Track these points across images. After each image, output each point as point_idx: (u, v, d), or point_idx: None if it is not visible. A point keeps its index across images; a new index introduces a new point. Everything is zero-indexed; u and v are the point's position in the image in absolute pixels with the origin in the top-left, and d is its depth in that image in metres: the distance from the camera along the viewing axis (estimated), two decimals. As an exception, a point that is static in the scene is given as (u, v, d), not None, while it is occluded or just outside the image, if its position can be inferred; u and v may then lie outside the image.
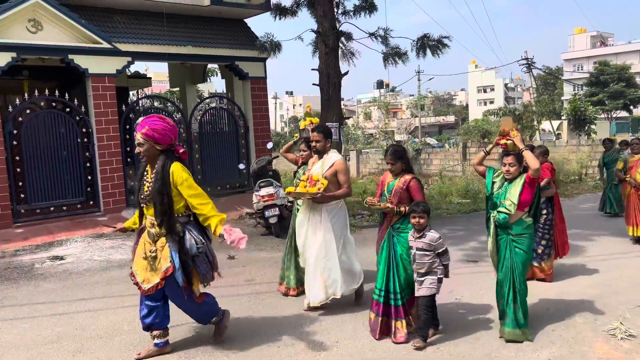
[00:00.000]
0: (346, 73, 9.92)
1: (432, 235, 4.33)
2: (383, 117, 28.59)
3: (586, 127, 28.80)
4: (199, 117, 12.71)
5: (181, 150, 4.26)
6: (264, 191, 9.15)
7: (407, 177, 4.61)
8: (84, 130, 10.90)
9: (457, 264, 7.01)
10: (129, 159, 11.71)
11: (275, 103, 61.81)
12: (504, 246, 4.46)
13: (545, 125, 33.82)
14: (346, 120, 17.06)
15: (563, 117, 35.39)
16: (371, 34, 10.53)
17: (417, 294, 4.34)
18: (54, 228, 9.82)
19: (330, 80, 9.70)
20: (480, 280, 6.09)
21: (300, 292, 5.63)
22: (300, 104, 76.04)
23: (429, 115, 65.24)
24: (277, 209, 9.06)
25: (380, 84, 61.75)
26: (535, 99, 33.43)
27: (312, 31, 10.08)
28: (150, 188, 4.07)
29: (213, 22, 13.02)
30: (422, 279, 4.31)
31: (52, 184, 10.53)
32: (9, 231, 9.59)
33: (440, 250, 4.32)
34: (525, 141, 19.37)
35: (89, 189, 11.07)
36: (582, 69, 62.17)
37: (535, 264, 5.95)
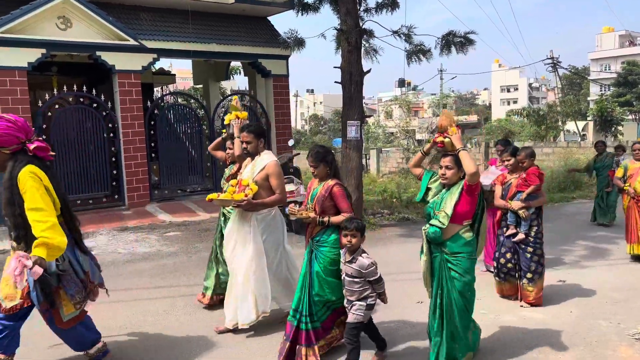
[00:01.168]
0: (368, 71, 9.90)
1: (362, 261, 3.76)
2: (404, 115, 28.43)
3: (613, 129, 28.22)
4: (222, 114, 12.84)
5: (33, 147, 3.59)
6: (286, 187, 9.20)
7: (331, 182, 4.11)
8: (110, 125, 11.12)
9: (478, 264, 6.95)
10: (153, 155, 11.92)
11: (296, 101, 61.94)
12: (438, 267, 3.82)
13: (570, 126, 33.22)
14: (367, 119, 17.02)
15: (589, 118, 34.73)
16: (394, 32, 10.47)
17: (348, 319, 3.86)
18: (81, 220, 10.02)
19: (352, 78, 9.69)
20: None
21: (216, 302, 5.28)
22: (321, 102, 76.07)
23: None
24: (297, 205, 9.10)
25: (402, 83, 61.34)
26: (560, 99, 32.86)
27: (335, 29, 10.07)
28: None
29: (237, 19, 13.14)
30: (351, 304, 3.84)
31: (79, 178, 10.77)
32: (36, 223, 9.81)
33: (372, 279, 3.79)
34: (549, 142, 18.91)
35: (114, 183, 11.30)
36: (609, 69, 60.83)
37: (524, 282, 5.23)
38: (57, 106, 10.71)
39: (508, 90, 76.42)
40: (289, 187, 9.20)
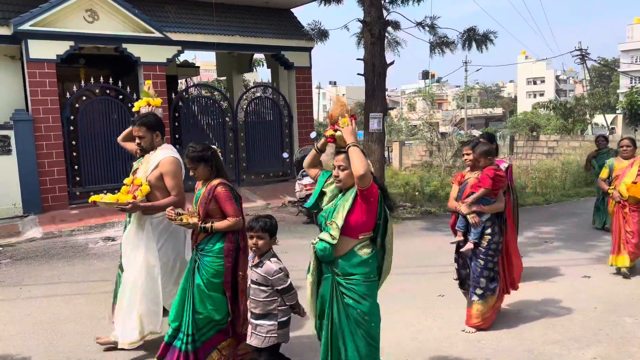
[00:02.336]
0: (392, 63, 9.84)
1: (270, 266, 3.24)
2: (428, 108, 28.16)
3: (643, 122, 27.45)
4: (245, 106, 12.92)
5: None
6: (307, 180, 9.24)
7: (214, 182, 3.64)
8: (134, 117, 11.26)
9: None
10: (177, 146, 12.05)
11: (319, 93, 61.85)
12: (329, 292, 3.10)
13: (599, 119, 32.45)
14: (390, 111, 16.90)
15: (618, 111, 33.86)
16: (418, 23, 10.38)
17: (248, 340, 3.33)
18: (106, 210, 10.25)
19: (375, 70, 9.65)
20: (525, 276, 5.98)
21: None
22: (343, 94, 75.78)
23: (476, 107, 63.77)
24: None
25: (425, 75, 60.79)
26: (588, 92, 32.11)
27: (359, 20, 10.03)
28: None
29: (260, 12, 13.17)
30: (257, 322, 3.25)
31: (105, 168, 10.99)
32: (65, 212, 10.09)
33: (280, 287, 3.23)
34: (576, 135, 18.47)
35: (139, 174, 11.47)
36: (640, 61, 59.14)
37: (474, 298, 4.49)
38: (84, 98, 10.92)
39: (534, 83, 74.95)
40: (308, 181, 9.23)
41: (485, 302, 4.46)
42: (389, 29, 10.21)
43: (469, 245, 4.47)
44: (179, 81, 15.92)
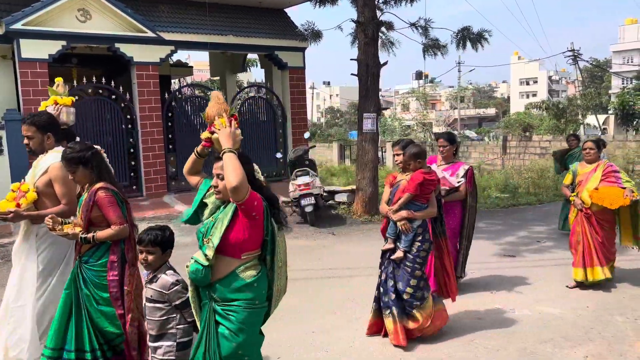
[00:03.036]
0: (385, 63, 9.86)
1: (165, 279, 2.95)
2: (421, 108, 28.26)
3: (634, 123, 27.67)
4: (238, 106, 12.90)
5: None
6: (301, 180, 9.24)
7: (96, 187, 3.27)
8: (128, 117, 11.25)
9: (493, 258, 6.96)
10: (170, 146, 12.04)
11: (313, 93, 61.86)
12: (205, 321, 2.74)
13: (591, 119, 32.66)
14: (383, 112, 16.98)
15: (610, 112, 34.11)
16: (412, 24, 10.41)
17: None
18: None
19: (369, 70, 9.67)
20: (517, 276, 6.02)
21: None
22: (337, 94, 75.86)
23: (469, 107, 64.00)
24: (312, 198, 9.15)
25: (419, 75, 60.95)
26: (580, 92, 32.32)
27: (352, 21, 10.04)
28: None
29: (254, 12, 13.16)
30: (155, 344, 2.95)
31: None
32: (57, 212, 10.01)
33: (178, 302, 2.94)
34: (567, 134, 18.64)
35: (132, 174, 11.45)
36: (632, 62, 59.59)
37: (410, 310, 4.15)
38: (76, 97, 10.80)
39: (527, 83, 75.34)
40: (304, 180, 9.23)
41: (423, 310, 4.14)
42: (383, 29, 10.24)
43: (399, 254, 4.17)
44: (172, 81, 15.89)
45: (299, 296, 5.41)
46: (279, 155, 11.77)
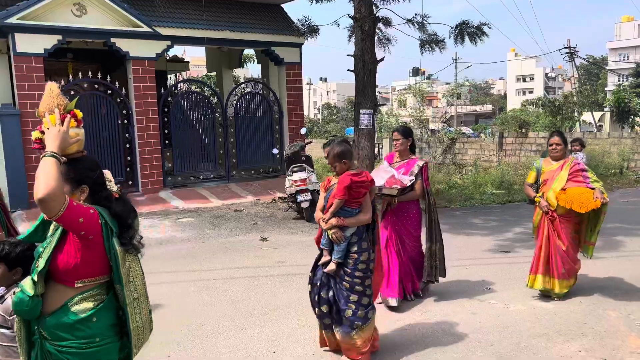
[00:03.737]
0: (382, 59, 9.87)
1: (9, 303, 2.46)
2: (418, 105, 28.25)
3: (630, 120, 27.78)
4: (235, 102, 12.89)
5: None
6: (297, 176, 9.25)
7: None
8: (124, 112, 11.22)
9: (487, 253, 6.99)
10: (166, 141, 12.03)
11: (309, 89, 61.83)
12: None
13: (587, 116, 32.76)
14: (380, 108, 16.97)
15: (606, 109, 34.23)
16: (408, 20, 10.42)
17: None
18: (95, 206, 10.19)
19: (365, 66, 9.67)
20: (511, 271, 6.05)
21: None
22: (334, 91, 75.80)
23: (466, 104, 64.06)
24: (309, 193, 9.17)
25: (416, 72, 60.88)
26: (576, 89, 32.40)
27: (349, 16, 10.03)
28: None
29: (250, 7, 13.13)
30: None
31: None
32: (52, 208, 10.00)
33: None
34: (565, 132, 18.72)
35: (128, 170, 11.43)
36: (628, 59, 59.73)
37: (350, 331, 3.71)
38: (72, 92, 10.82)
39: (524, 80, 75.48)
40: (301, 176, 9.24)
41: (361, 332, 3.71)
42: (380, 25, 10.24)
43: (331, 266, 3.73)
44: (169, 76, 15.84)
45: (295, 291, 5.43)
46: (275, 151, 11.78)
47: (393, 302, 4.84)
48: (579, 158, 7.57)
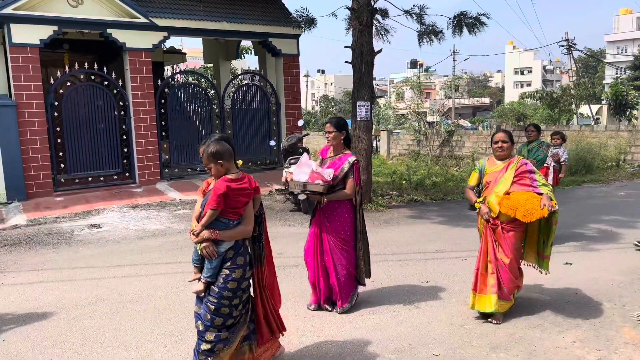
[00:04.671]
0: (379, 51, 9.83)
1: None
2: (416, 97, 28.22)
3: (627, 113, 27.84)
4: (232, 94, 12.85)
5: None
6: (292, 168, 9.22)
7: None
8: (120, 103, 11.18)
9: (485, 245, 7.01)
10: (163, 133, 11.99)
11: (307, 81, 61.67)
12: None
13: (584, 109, 32.81)
14: (377, 100, 16.93)
15: (603, 102, 34.27)
16: (406, 12, 10.37)
17: None
18: (92, 197, 10.19)
19: (363, 58, 9.63)
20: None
21: None
22: (332, 83, 75.61)
23: (463, 96, 64.02)
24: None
25: (414, 64, 60.77)
26: (574, 82, 32.41)
27: (347, 8, 9.98)
28: None
29: (248, -2, 13.05)
30: None
31: (90, 155, 10.89)
32: (49, 199, 9.99)
33: None
34: (562, 125, 18.72)
35: (125, 161, 11.40)
36: (626, 52, 59.71)
37: (201, 358, 3.17)
38: (68, 83, 10.78)
39: (522, 73, 75.41)
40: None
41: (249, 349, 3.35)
42: (377, 16, 10.19)
43: (198, 286, 3.20)
44: (166, 68, 15.76)
45: (291, 283, 5.45)
46: (272, 143, 11.75)
47: (311, 307, 4.67)
48: (560, 153, 7.55)
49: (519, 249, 4.51)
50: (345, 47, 10.01)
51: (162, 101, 11.77)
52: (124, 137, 11.33)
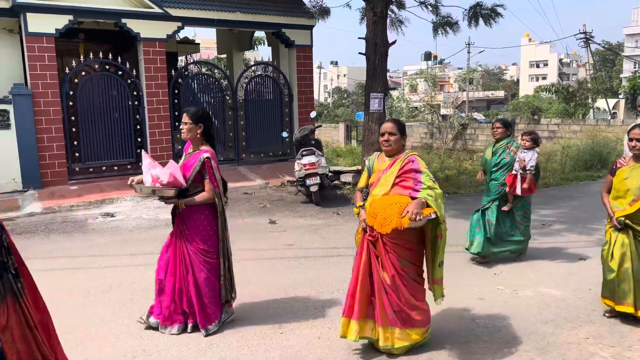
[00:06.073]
0: (394, 42, 9.75)
1: None
2: (429, 90, 27.99)
3: (645, 107, 27.34)
4: (245, 85, 12.84)
5: None
6: (306, 160, 9.23)
7: None
8: (134, 93, 11.23)
9: (497, 240, 6.95)
10: (177, 123, 12.03)
11: (320, 73, 61.44)
12: None
13: (601, 103, 32.34)
14: (390, 92, 16.82)
15: (620, 96, 33.75)
16: (421, 2, 10.27)
17: None
18: (106, 187, 10.28)
19: (377, 49, 9.57)
20: (517, 260, 6.04)
21: None
22: (344, 75, 75.28)
23: (478, 89, 63.46)
24: (318, 177, 9.16)
25: (428, 56, 60.39)
26: (591, 76, 31.93)
27: (361, -1, 9.92)
28: None
29: (262, -12, 13.01)
30: None
31: (104, 145, 10.98)
32: (64, 187, 10.11)
33: None
34: (577, 119, 18.33)
35: (138, 151, 11.47)
36: (645, 45, 58.61)
37: None
38: (83, 73, 10.86)
39: (537, 66, 74.45)
40: (310, 159, 9.22)
41: None
42: (392, 7, 10.10)
43: None
44: (179, 58, 15.79)
45: (302, 274, 5.47)
46: (285, 134, 11.74)
47: (173, 330, 4.04)
48: (527, 158, 5.75)
49: (409, 268, 3.59)
50: (359, 38, 9.95)
51: (176, 91, 11.81)
52: (138, 126, 11.40)
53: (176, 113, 11.89)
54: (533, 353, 3.75)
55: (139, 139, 11.41)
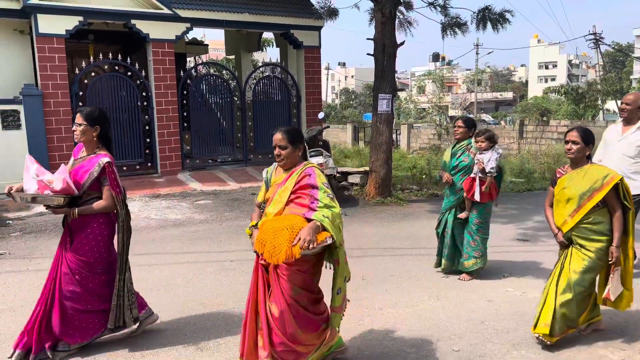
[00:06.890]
0: (402, 43, 9.74)
1: None
2: (437, 91, 27.92)
3: (655, 109, 27.08)
4: (253, 86, 12.88)
5: None
6: (314, 160, 9.24)
7: None
8: (143, 94, 11.29)
9: (506, 242, 6.92)
10: (185, 124, 12.10)
11: (328, 74, 61.47)
12: None
13: (611, 105, 32.09)
14: (398, 93, 16.78)
15: (631, 97, 33.47)
16: (430, 3, 10.25)
17: None
18: (114, 187, 10.33)
19: (385, 50, 9.55)
20: (529, 259, 6.00)
21: None
22: (352, 76, 75.26)
23: (486, 90, 63.21)
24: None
25: (436, 57, 60.25)
26: (601, 77, 31.69)
27: None
28: None
29: (270, -11, 13.04)
30: None
31: (113, 145, 11.02)
32: (73, 187, 10.17)
33: None
34: (587, 121, 18.23)
35: (147, 151, 11.54)
36: (656, 47, 58.13)
37: None
38: (93, 74, 10.93)
39: (546, 67, 74.04)
40: (318, 160, 9.22)
41: None
42: (401, 8, 10.09)
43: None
44: (188, 59, 15.87)
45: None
46: (292, 135, 11.77)
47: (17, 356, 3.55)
48: (485, 160, 5.17)
49: (302, 294, 3.14)
50: (367, 39, 9.95)
51: (184, 92, 11.86)
52: (147, 127, 11.46)
53: (184, 114, 11.96)
54: (542, 356, 3.72)
55: (148, 140, 11.47)
